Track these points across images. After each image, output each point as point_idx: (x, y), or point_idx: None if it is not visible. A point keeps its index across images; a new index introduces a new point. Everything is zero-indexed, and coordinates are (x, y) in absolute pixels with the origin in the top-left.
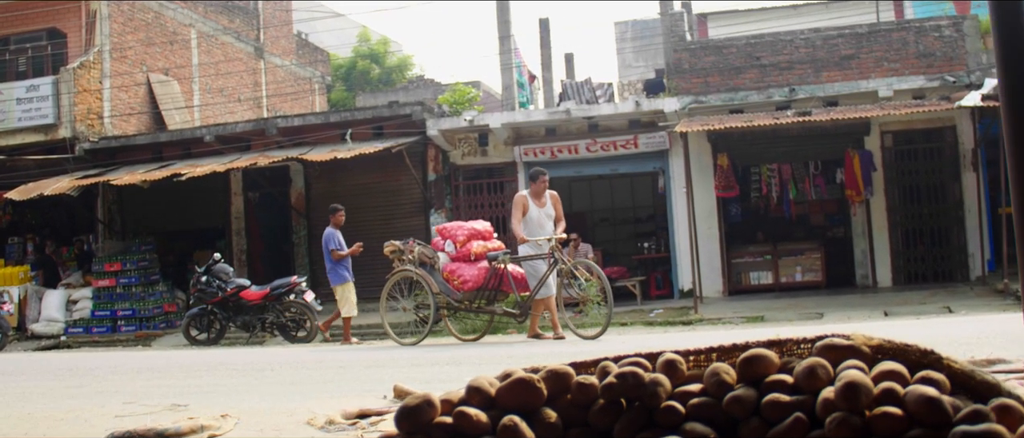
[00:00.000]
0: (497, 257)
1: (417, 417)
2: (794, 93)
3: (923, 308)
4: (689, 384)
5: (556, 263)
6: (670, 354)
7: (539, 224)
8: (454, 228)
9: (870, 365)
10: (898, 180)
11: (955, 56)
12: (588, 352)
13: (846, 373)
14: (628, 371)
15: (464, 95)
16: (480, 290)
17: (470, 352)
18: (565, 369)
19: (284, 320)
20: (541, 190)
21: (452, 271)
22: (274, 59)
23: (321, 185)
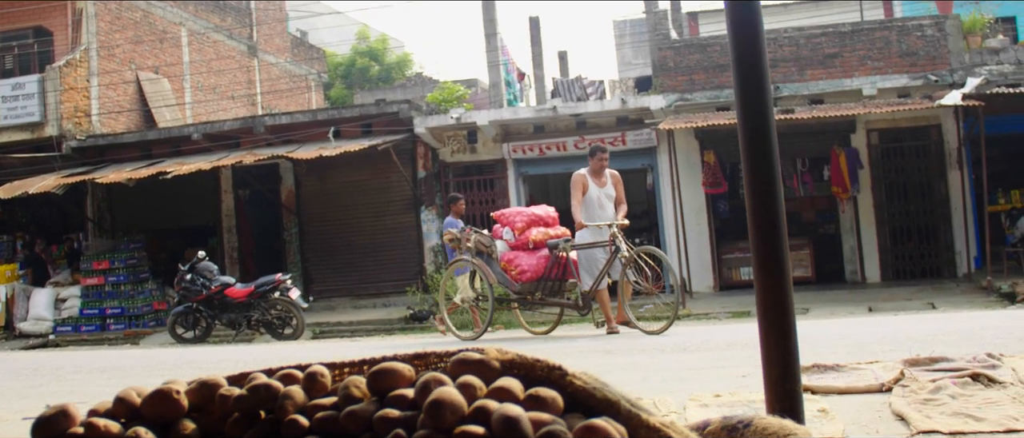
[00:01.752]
0: (558, 245)
1: (51, 427)
2: (779, 91)
3: (908, 304)
4: (331, 396)
5: (617, 251)
6: (316, 366)
7: (599, 205)
8: (512, 214)
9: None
10: (885, 177)
11: (938, 55)
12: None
13: (436, 390)
14: (261, 383)
15: (453, 93)
16: (541, 281)
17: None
18: (215, 380)
19: (270, 318)
20: (601, 167)
21: (510, 261)
22: (268, 57)
23: (311, 183)
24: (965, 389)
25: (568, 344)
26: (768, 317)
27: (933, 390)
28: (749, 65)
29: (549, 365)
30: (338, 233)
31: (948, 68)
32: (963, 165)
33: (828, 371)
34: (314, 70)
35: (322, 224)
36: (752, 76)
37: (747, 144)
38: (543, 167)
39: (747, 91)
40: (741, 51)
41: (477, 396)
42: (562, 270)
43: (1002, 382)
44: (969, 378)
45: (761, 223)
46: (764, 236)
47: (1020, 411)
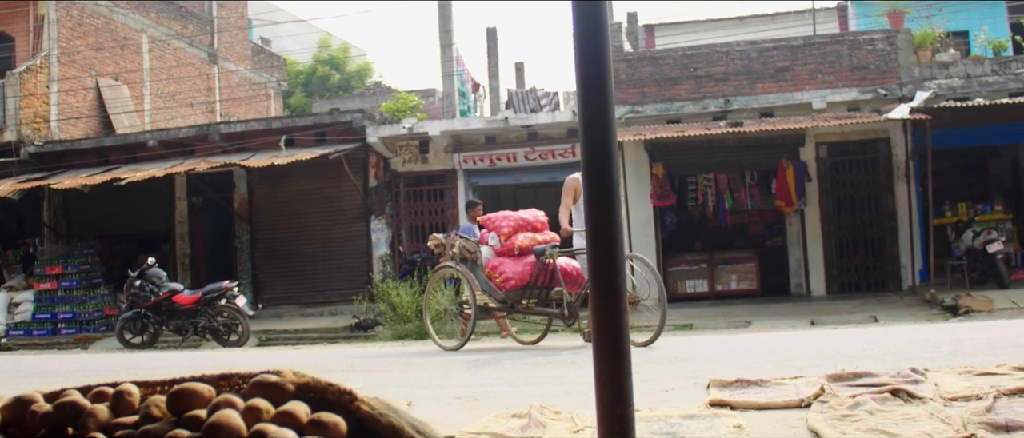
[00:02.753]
0: (544, 251)
1: None
2: (729, 104)
3: (851, 317)
4: (136, 415)
5: None
6: (125, 385)
7: None
8: (499, 218)
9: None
10: (833, 191)
11: (888, 69)
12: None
13: (216, 414)
14: (68, 401)
15: (407, 102)
16: (526, 288)
17: (452, 358)
18: (30, 395)
19: (216, 324)
20: None
21: (494, 267)
22: (228, 65)
23: (264, 191)
24: (884, 405)
25: (529, 355)
26: (602, 339)
27: (852, 406)
28: (592, 69)
29: (339, 389)
30: (289, 241)
31: (898, 82)
32: (910, 178)
33: (751, 386)
34: (274, 78)
35: (273, 232)
36: (595, 82)
37: (587, 161)
38: (494, 178)
39: (589, 99)
40: (585, 52)
41: (261, 419)
42: (549, 278)
43: (922, 398)
44: (889, 394)
45: (599, 243)
46: (601, 256)
47: (936, 427)
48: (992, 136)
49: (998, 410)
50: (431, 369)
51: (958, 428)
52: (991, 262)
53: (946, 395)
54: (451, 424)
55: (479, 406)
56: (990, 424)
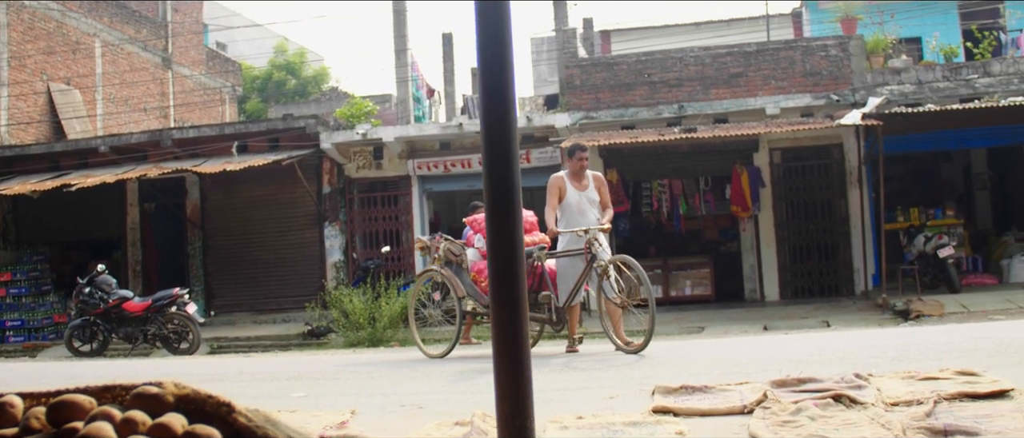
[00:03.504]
0: (532, 253)
1: None
2: (683, 110)
3: (803, 323)
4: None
5: (593, 259)
6: (9, 396)
7: (579, 211)
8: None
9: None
10: (786, 196)
11: (841, 75)
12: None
13: (88, 426)
14: None
15: (361, 108)
16: None
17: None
18: None
19: (166, 332)
20: (581, 169)
21: (480, 270)
22: (182, 70)
23: (216, 197)
24: (825, 411)
25: (480, 362)
26: (502, 351)
27: (793, 412)
28: (494, 75)
29: (218, 401)
30: (242, 248)
31: (851, 88)
32: (863, 184)
33: (696, 392)
34: (229, 83)
35: (226, 238)
36: (496, 90)
37: (488, 170)
38: (448, 184)
39: (491, 106)
40: (487, 58)
41: (137, 431)
42: (538, 281)
43: (863, 403)
44: (831, 399)
45: (500, 253)
46: (502, 268)
47: (876, 432)
48: (944, 142)
49: (938, 415)
50: (379, 377)
51: (898, 433)
52: (942, 267)
53: (888, 400)
54: (394, 432)
55: (423, 414)
56: (929, 429)
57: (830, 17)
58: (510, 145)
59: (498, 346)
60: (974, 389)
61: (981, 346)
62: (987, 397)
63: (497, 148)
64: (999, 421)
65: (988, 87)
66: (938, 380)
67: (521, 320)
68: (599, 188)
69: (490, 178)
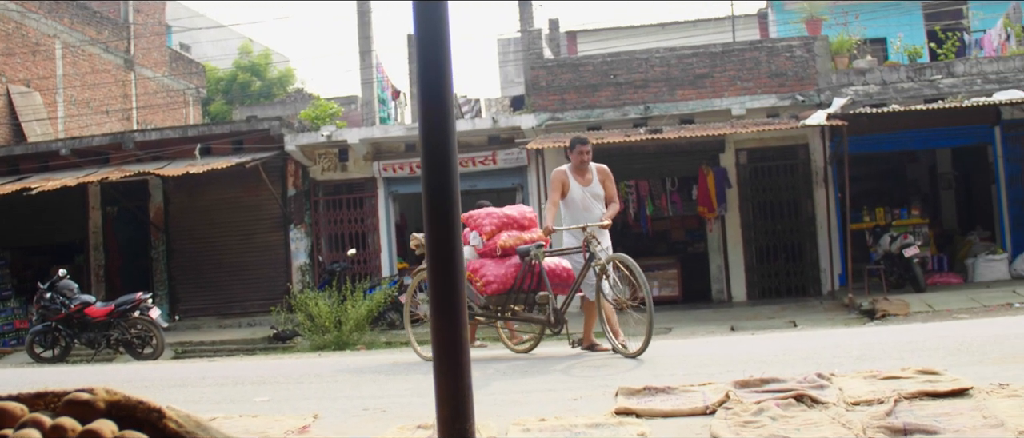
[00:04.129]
0: (528, 251)
1: None
2: (649, 111)
3: (770, 323)
4: None
5: (592, 257)
6: None
7: (584, 207)
8: (481, 215)
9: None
10: (752, 197)
11: (806, 76)
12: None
13: (19, 433)
14: None
15: (326, 110)
16: (511, 293)
17: (364, 369)
18: None
19: (130, 337)
20: (584, 163)
21: (475, 269)
22: (145, 71)
23: (180, 200)
24: (787, 411)
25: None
26: (442, 355)
27: (755, 412)
28: (433, 73)
29: (149, 407)
30: (206, 251)
31: (816, 88)
32: (829, 184)
33: (659, 393)
34: (193, 85)
35: (190, 242)
36: (434, 86)
37: (426, 176)
38: (414, 186)
39: (429, 111)
40: (425, 60)
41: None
42: (536, 280)
43: (825, 403)
44: (793, 399)
45: (438, 259)
46: (440, 274)
47: (837, 432)
48: (908, 142)
49: (898, 414)
50: (342, 380)
51: (858, 432)
52: (908, 266)
53: (849, 400)
54: (356, 436)
55: (386, 418)
56: (889, 428)
57: (795, 18)
58: (448, 152)
59: (438, 351)
60: (934, 388)
61: (943, 345)
62: (947, 396)
63: (435, 155)
64: (958, 420)
65: (952, 87)
66: (900, 379)
67: (460, 326)
68: (604, 181)
69: (428, 185)
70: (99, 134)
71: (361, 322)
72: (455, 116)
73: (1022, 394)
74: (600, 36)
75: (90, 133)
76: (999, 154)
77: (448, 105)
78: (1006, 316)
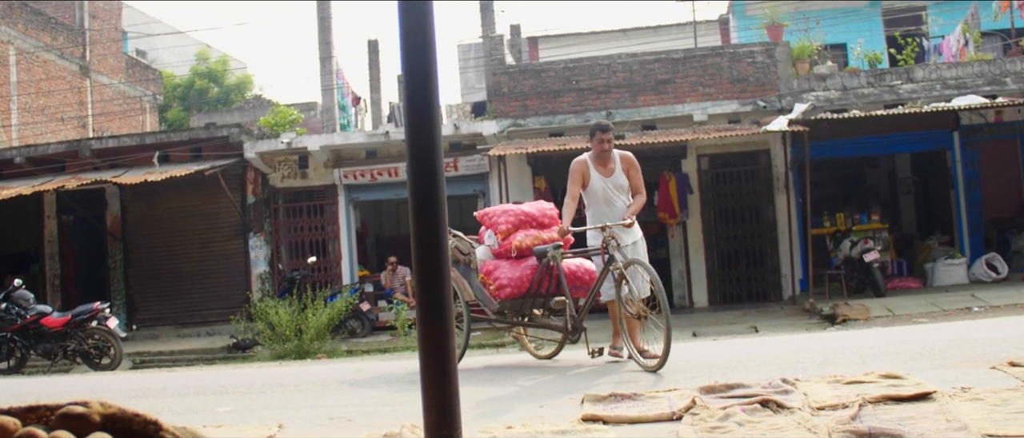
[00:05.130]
0: (546, 252)
1: None
2: (611, 117)
3: (732, 328)
4: None
5: (610, 260)
6: None
7: (606, 201)
8: (496, 213)
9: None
10: (714, 202)
11: (768, 81)
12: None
13: None
14: None
15: (286, 116)
16: (526, 297)
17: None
18: None
19: (87, 348)
20: (606, 152)
21: (488, 272)
22: (101, 78)
23: (137, 208)
24: (753, 416)
25: (408, 374)
26: (429, 362)
27: (722, 417)
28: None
29: (145, 420)
30: (164, 260)
31: (777, 94)
32: (790, 189)
33: (624, 400)
34: (150, 92)
35: (148, 251)
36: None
37: (414, 187)
38: (375, 193)
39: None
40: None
41: None
42: (554, 284)
43: (790, 408)
44: (759, 404)
45: (426, 265)
46: (427, 279)
47: (803, 436)
48: (869, 147)
49: (863, 418)
50: (306, 389)
51: (823, 437)
52: (868, 271)
53: (814, 404)
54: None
55: (351, 426)
56: (854, 432)
57: (756, 24)
58: (434, 155)
59: (425, 358)
60: (898, 392)
61: (905, 349)
62: (911, 400)
63: (421, 156)
64: (922, 423)
65: (912, 93)
66: (863, 383)
67: (447, 332)
68: (628, 171)
69: (415, 189)
70: (55, 142)
71: (322, 331)
72: None
73: (984, 397)
74: (562, 42)
75: (45, 141)
76: (958, 159)
77: (434, 108)
78: (965, 320)
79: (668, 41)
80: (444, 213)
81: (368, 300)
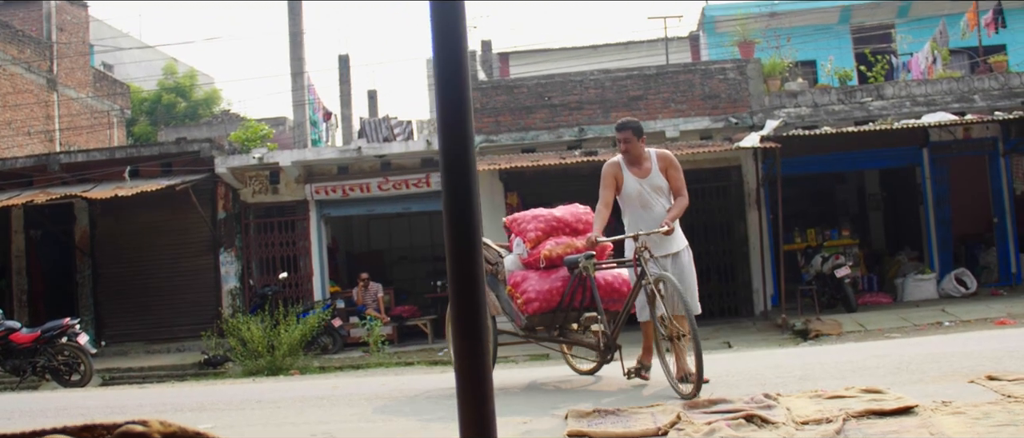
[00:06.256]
0: (577, 262)
1: None
2: (583, 133)
3: (705, 344)
4: None
5: (643, 274)
6: None
7: (642, 204)
8: (526, 219)
9: None
10: (686, 218)
11: (739, 98)
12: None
13: None
14: None
15: (257, 132)
16: (557, 311)
17: (306, 396)
18: None
19: (56, 364)
20: (637, 151)
21: (516, 284)
22: (69, 92)
23: (107, 223)
24: (739, 431)
25: (393, 390)
26: (466, 380)
27: (707, 433)
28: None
29: (192, 433)
30: (134, 275)
31: (749, 111)
32: (761, 205)
33: (608, 416)
34: (117, 106)
35: (117, 266)
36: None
37: (448, 209)
38: (346, 209)
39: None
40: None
41: None
42: (589, 296)
43: (775, 422)
44: (743, 419)
45: (460, 278)
46: (463, 294)
47: None
48: (839, 163)
49: (847, 432)
50: (285, 406)
51: None
52: (839, 286)
53: (798, 419)
54: None
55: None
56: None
57: (727, 40)
58: (467, 162)
59: (461, 375)
60: (880, 406)
61: (883, 364)
62: (893, 414)
63: (454, 168)
64: (906, 437)
65: (882, 110)
66: (845, 398)
67: (483, 350)
68: (667, 170)
69: (448, 200)
70: (22, 156)
71: (295, 347)
72: (387, 138)
73: (966, 411)
74: (533, 58)
75: (11, 155)
76: (927, 175)
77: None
78: (937, 335)
79: (639, 58)
80: (478, 224)
81: (340, 316)
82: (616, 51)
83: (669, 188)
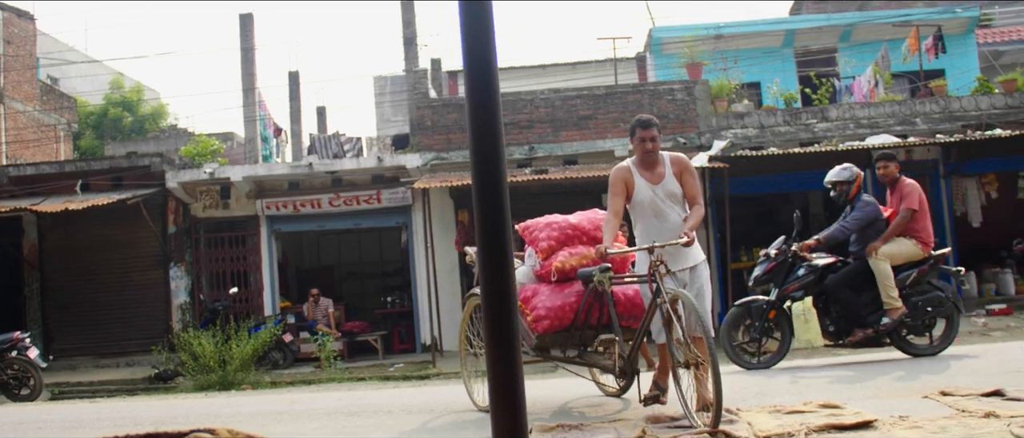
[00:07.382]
0: (591, 275)
1: None
2: (533, 151)
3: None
4: None
5: (659, 291)
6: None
7: (655, 213)
8: (538, 227)
9: None
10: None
11: (687, 118)
12: None
13: None
14: None
15: (207, 146)
16: (570, 330)
17: (280, 411)
18: None
19: (6, 378)
20: (649, 153)
21: (526, 299)
22: (15, 105)
23: (56, 237)
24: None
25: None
26: (499, 393)
27: None
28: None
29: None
30: (83, 290)
31: (696, 131)
32: (709, 224)
33: (572, 430)
34: (64, 119)
35: (66, 280)
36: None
37: (479, 209)
38: (297, 224)
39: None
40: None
41: None
42: (606, 313)
43: (738, 437)
44: (707, 434)
45: (492, 288)
46: (496, 304)
47: None
48: (784, 184)
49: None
50: (244, 421)
51: None
52: None
53: (760, 434)
54: None
55: None
56: None
57: (674, 62)
58: (498, 167)
59: (495, 389)
60: (840, 421)
61: (838, 380)
62: (853, 428)
63: (486, 176)
64: None
65: (826, 131)
66: (804, 413)
67: (516, 365)
68: (681, 175)
69: (481, 212)
70: None
71: (247, 362)
72: (337, 154)
73: (923, 425)
74: None
75: None
76: None
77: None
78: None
79: (588, 78)
80: (509, 234)
81: (291, 331)
82: (565, 71)
83: (683, 194)
